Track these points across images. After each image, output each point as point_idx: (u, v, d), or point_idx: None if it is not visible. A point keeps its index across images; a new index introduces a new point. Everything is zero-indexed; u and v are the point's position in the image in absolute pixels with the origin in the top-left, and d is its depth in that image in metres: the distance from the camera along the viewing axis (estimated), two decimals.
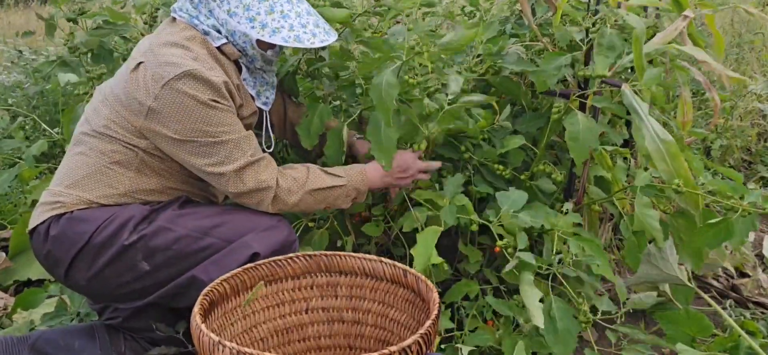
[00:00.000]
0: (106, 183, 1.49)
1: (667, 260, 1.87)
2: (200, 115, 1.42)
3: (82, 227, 1.45)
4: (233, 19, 1.48)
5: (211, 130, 1.43)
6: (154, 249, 1.45)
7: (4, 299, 2.02)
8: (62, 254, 1.47)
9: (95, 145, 1.49)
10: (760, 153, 3.55)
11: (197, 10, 1.51)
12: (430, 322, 1.11)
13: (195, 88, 1.41)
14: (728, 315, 1.91)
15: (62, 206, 1.48)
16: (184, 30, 1.50)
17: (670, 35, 1.70)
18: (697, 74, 1.74)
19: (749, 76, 3.80)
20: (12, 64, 3.49)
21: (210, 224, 1.47)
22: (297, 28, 1.49)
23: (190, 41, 1.47)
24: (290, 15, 1.49)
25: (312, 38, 1.49)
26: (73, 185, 1.49)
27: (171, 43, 1.46)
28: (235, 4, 1.48)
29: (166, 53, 1.44)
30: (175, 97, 1.41)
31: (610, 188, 1.80)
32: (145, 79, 1.43)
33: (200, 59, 1.45)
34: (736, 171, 1.88)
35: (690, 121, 1.80)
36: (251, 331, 1.40)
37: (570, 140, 1.57)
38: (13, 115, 2.77)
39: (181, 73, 1.40)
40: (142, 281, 1.48)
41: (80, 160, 1.51)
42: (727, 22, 4.53)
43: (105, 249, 1.45)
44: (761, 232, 2.61)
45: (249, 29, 1.47)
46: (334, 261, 1.42)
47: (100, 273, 1.47)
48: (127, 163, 1.49)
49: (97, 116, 1.52)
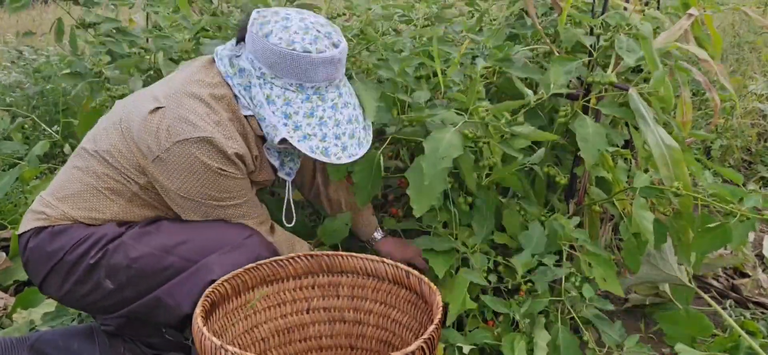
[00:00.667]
0: (94, 206, 1.44)
1: (667, 261, 1.87)
2: (208, 181, 1.38)
3: (58, 243, 1.42)
4: (269, 107, 1.38)
5: (216, 195, 1.41)
6: (116, 267, 1.40)
7: (4, 299, 2.01)
8: (37, 267, 1.45)
9: (94, 166, 1.45)
10: (760, 153, 3.55)
11: (236, 75, 1.42)
12: (434, 326, 1.11)
13: (208, 155, 1.36)
14: (728, 315, 1.91)
15: (46, 219, 1.45)
16: (216, 84, 1.42)
17: (674, 34, 1.70)
18: (698, 74, 1.75)
19: (749, 77, 3.80)
20: (12, 64, 3.49)
21: (173, 242, 1.41)
22: (330, 139, 1.39)
23: (218, 102, 1.40)
24: (328, 123, 1.40)
25: (340, 153, 1.40)
26: (63, 199, 1.45)
27: (197, 97, 1.38)
28: (278, 93, 1.38)
29: (188, 106, 1.37)
30: (186, 158, 1.35)
31: (610, 188, 1.80)
32: (160, 128, 1.36)
33: (222, 125, 1.38)
34: (737, 171, 1.88)
35: (690, 121, 1.81)
36: (252, 331, 1.40)
37: (581, 142, 1.57)
38: (13, 116, 2.77)
39: (197, 137, 1.34)
40: (109, 299, 1.44)
41: (76, 176, 1.47)
42: (727, 23, 4.53)
43: (75, 267, 1.42)
44: (761, 232, 2.62)
45: (281, 125, 1.37)
46: (335, 261, 1.42)
47: (71, 291, 1.45)
48: (119, 192, 1.44)
49: (105, 138, 1.45)
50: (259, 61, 1.38)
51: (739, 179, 1.65)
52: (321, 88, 1.39)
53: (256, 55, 1.38)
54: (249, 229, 1.46)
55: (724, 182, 2.26)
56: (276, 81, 1.37)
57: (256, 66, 1.38)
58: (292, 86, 1.38)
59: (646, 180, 1.59)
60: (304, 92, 1.38)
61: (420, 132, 1.68)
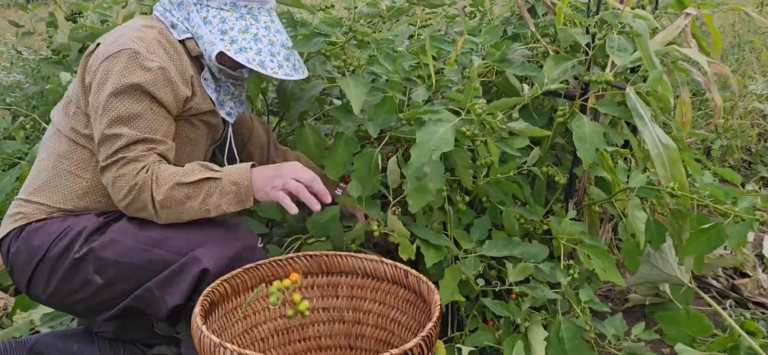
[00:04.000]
0: (65, 186, 1.45)
1: (666, 260, 1.87)
2: (115, 88, 1.35)
3: (38, 240, 1.42)
4: (206, 27, 1.45)
5: (115, 112, 1.36)
6: (105, 262, 1.39)
7: (4, 299, 2.02)
8: (21, 270, 1.45)
9: (54, 147, 1.47)
10: (760, 153, 3.55)
11: (173, 6, 1.49)
12: (432, 324, 1.11)
13: (127, 65, 1.36)
14: (728, 315, 1.91)
15: (23, 217, 1.45)
16: (148, 20, 1.49)
17: (672, 34, 1.70)
18: (697, 74, 1.75)
19: (749, 77, 3.80)
20: (12, 64, 3.49)
21: (161, 235, 1.38)
22: (265, 54, 1.46)
23: (150, 29, 1.44)
24: (262, 40, 1.47)
25: (276, 69, 1.45)
26: (35, 191, 1.47)
27: (131, 27, 1.45)
28: (214, 14, 1.46)
29: (115, 35, 1.43)
30: (106, 68, 1.37)
31: (610, 188, 1.80)
32: (95, 60, 1.41)
33: (146, 41, 1.40)
34: (737, 171, 1.88)
35: (689, 121, 1.81)
36: (252, 331, 1.40)
37: (578, 142, 1.57)
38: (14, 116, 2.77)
39: (122, 49, 1.37)
40: (99, 296, 1.42)
41: (42, 165, 1.48)
42: (727, 23, 4.53)
43: (60, 263, 1.41)
44: (761, 232, 2.62)
45: (218, 41, 1.44)
46: (335, 261, 1.42)
47: (58, 289, 1.43)
48: (83, 164, 1.45)
49: (58, 114, 1.51)
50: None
51: (736, 179, 1.65)
52: (253, 8, 1.49)
53: None
54: (234, 220, 1.46)
55: (722, 183, 2.26)
56: (212, 2, 1.46)
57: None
58: (226, 6, 1.47)
59: (642, 180, 1.59)
60: (238, 11, 1.48)
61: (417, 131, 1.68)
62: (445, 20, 2.38)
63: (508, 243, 1.65)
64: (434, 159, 1.40)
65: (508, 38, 1.97)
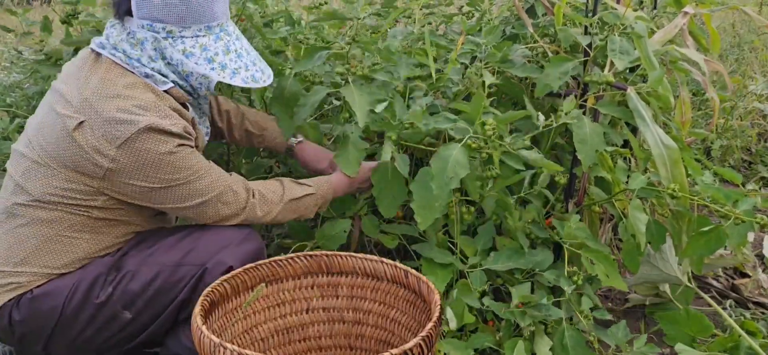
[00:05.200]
0: (62, 251, 1.39)
1: (666, 261, 1.87)
2: (167, 166, 1.35)
3: (49, 303, 1.37)
4: (190, 60, 1.39)
5: (179, 176, 1.37)
6: (132, 295, 1.39)
7: None
8: (35, 336, 1.40)
9: (39, 215, 1.37)
10: (760, 153, 3.55)
11: (140, 51, 1.37)
12: (432, 324, 1.11)
13: (156, 142, 1.32)
14: (728, 315, 1.91)
15: (19, 287, 1.38)
16: (118, 75, 1.35)
17: (670, 33, 1.70)
18: (697, 74, 1.74)
19: (749, 77, 3.80)
20: (12, 64, 3.49)
21: (181, 254, 1.41)
22: (250, 67, 1.46)
23: (132, 89, 1.34)
24: (242, 54, 1.46)
25: (263, 77, 1.47)
26: (23, 262, 1.38)
27: (110, 96, 1.32)
28: (191, 44, 1.39)
29: (110, 108, 1.31)
30: (136, 155, 1.32)
31: (610, 188, 1.80)
32: (93, 141, 1.31)
33: (151, 109, 1.33)
34: (737, 171, 1.88)
35: (689, 121, 1.81)
36: (252, 331, 1.40)
37: (578, 143, 1.57)
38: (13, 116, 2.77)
39: (139, 129, 1.30)
40: (127, 329, 1.43)
41: (23, 234, 1.38)
42: (727, 23, 4.53)
43: (82, 315, 1.39)
44: (761, 232, 2.61)
45: (209, 71, 1.40)
46: (335, 261, 1.42)
47: (82, 337, 1.41)
48: (80, 227, 1.39)
49: (32, 181, 1.37)
50: (163, 21, 1.35)
51: (737, 179, 1.65)
52: (222, 23, 1.43)
53: (156, 17, 1.35)
54: (246, 229, 1.49)
55: (723, 183, 2.26)
56: (185, 32, 1.38)
57: (158, 28, 1.36)
58: (201, 31, 1.40)
59: (642, 181, 1.59)
60: (213, 33, 1.41)
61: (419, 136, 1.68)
62: (443, 20, 2.38)
63: (513, 254, 1.66)
64: (452, 187, 1.41)
65: (508, 38, 1.97)
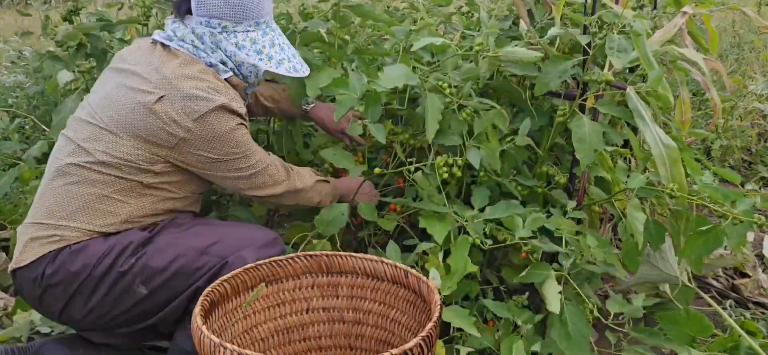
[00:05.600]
0: (107, 211, 1.47)
1: (667, 261, 1.87)
2: (230, 141, 1.50)
3: (82, 261, 1.42)
4: (242, 52, 1.56)
5: (239, 151, 1.53)
6: (152, 271, 1.43)
7: (4, 299, 2.02)
8: (59, 292, 1.44)
9: (92, 177, 1.46)
10: (760, 153, 3.56)
11: (202, 44, 1.54)
12: (432, 324, 1.11)
13: (226, 120, 1.49)
14: (728, 315, 1.91)
15: (61, 240, 1.44)
16: (190, 62, 1.52)
17: (669, 32, 1.70)
18: (697, 74, 1.74)
19: (749, 77, 3.80)
20: (12, 64, 3.49)
21: (207, 243, 1.47)
22: (292, 59, 1.62)
23: (204, 74, 1.51)
24: (284, 47, 1.62)
25: (301, 68, 1.63)
26: (68, 217, 1.45)
27: (188, 77, 1.49)
28: (242, 37, 1.56)
29: (189, 87, 1.47)
30: (208, 129, 1.47)
31: (610, 188, 1.80)
32: (173, 114, 1.45)
33: (222, 91, 1.50)
34: (737, 171, 1.88)
35: (689, 120, 1.81)
36: (252, 331, 1.40)
37: (577, 142, 1.57)
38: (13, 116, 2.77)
39: (214, 108, 1.47)
40: (140, 306, 1.46)
41: (74, 191, 1.46)
42: (727, 23, 4.53)
43: (104, 280, 1.43)
44: (761, 232, 2.61)
45: (258, 61, 1.57)
46: (335, 261, 1.42)
47: (97, 306, 1.45)
48: (129, 190, 1.48)
49: (96, 144, 1.48)
50: (218, 17, 1.53)
51: (736, 179, 1.65)
52: (268, 20, 1.61)
53: (213, 15, 1.53)
54: (272, 232, 1.57)
55: (722, 183, 2.26)
56: (238, 27, 1.56)
57: (214, 24, 1.54)
58: (251, 27, 1.57)
59: (641, 181, 1.59)
60: (261, 28, 1.59)
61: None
62: (442, 20, 2.38)
63: (509, 205, 1.66)
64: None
65: (508, 38, 1.97)
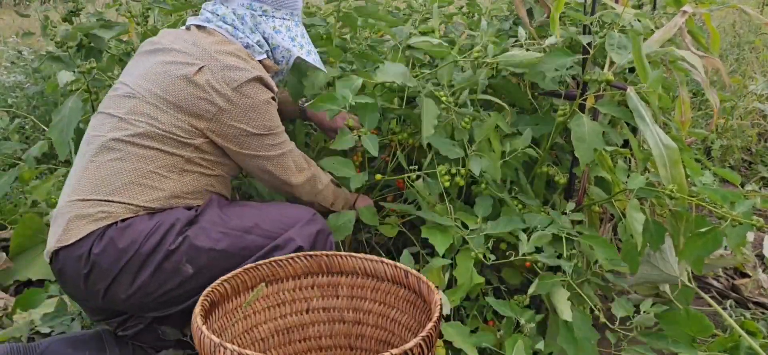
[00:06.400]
0: (152, 186, 1.47)
1: (667, 261, 1.87)
2: (265, 113, 1.56)
3: (129, 237, 1.42)
4: (278, 36, 1.65)
5: (272, 125, 1.58)
6: (198, 250, 1.44)
7: (4, 299, 2.02)
8: (105, 272, 1.42)
9: (136, 151, 1.47)
10: (760, 153, 3.56)
11: (242, 24, 1.62)
12: (432, 324, 1.11)
13: (262, 90, 1.55)
14: (728, 315, 1.91)
15: (108, 216, 1.43)
16: (226, 42, 1.58)
17: (669, 32, 1.69)
18: (697, 74, 1.74)
19: (749, 77, 3.80)
20: (12, 64, 3.49)
21: (251, 223, 1.51)
22: (315, 53, 1.73)
23: (240, 51, 1.58)
24: (310, 41, 1.73)
25: (322, 63, 1.74)
26: (114, 192, 1.45)
27: (228, 52, 1.55)
28: (279, 23, 1.67)
29: (229, 60, 1.53)
30: (245, 99, 1.52)
31: (610, 188, 1.80)
32: (213, 82, 1.50)
33: (257, 67, 1.57)
34: (737, 171, 1.88)
35: (688, 120, 1.80)
36: (252, 331, 1.40)
37: (576, 142, 1.57)
38: (13, 116, 2.78)
39: (252, 78, 1.52)
40: (184, 286, 1.45)
41: (118, 167, 1.47)
42: (728, 23, 4.53)
43: (151, 258, 1.43)
44: (761, 232, 2.62)
45: (291, 46, 1.67)
46: (335, 261, 1.42)
47: (144, 285, 1.44)
48: (171, 166, 1.49)
49: (137, 116, 1.49)
50: (259, 0, 1.64)
51: (736, 179, 1.65)
52: (299, 15, 1.73)
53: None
54: (312, 210, 1.61)
55: (722, 183, 2.26)
56: (276, 13, 1.67)
57: (256, 7, 1.64)
58: (287, 16, 1.69)
59: (641, 181, 1.59)
60: (294, 19, 1.71)
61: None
62: (443, 20, 2.38)
63: (511, 220, 1.66)
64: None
65: (508, 37, 1.97)
